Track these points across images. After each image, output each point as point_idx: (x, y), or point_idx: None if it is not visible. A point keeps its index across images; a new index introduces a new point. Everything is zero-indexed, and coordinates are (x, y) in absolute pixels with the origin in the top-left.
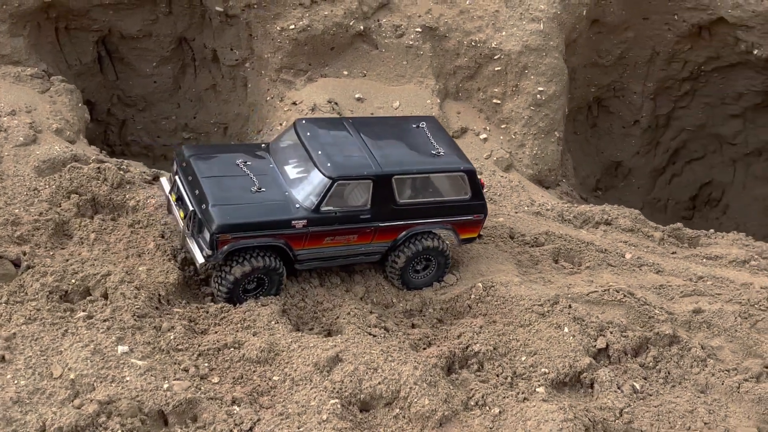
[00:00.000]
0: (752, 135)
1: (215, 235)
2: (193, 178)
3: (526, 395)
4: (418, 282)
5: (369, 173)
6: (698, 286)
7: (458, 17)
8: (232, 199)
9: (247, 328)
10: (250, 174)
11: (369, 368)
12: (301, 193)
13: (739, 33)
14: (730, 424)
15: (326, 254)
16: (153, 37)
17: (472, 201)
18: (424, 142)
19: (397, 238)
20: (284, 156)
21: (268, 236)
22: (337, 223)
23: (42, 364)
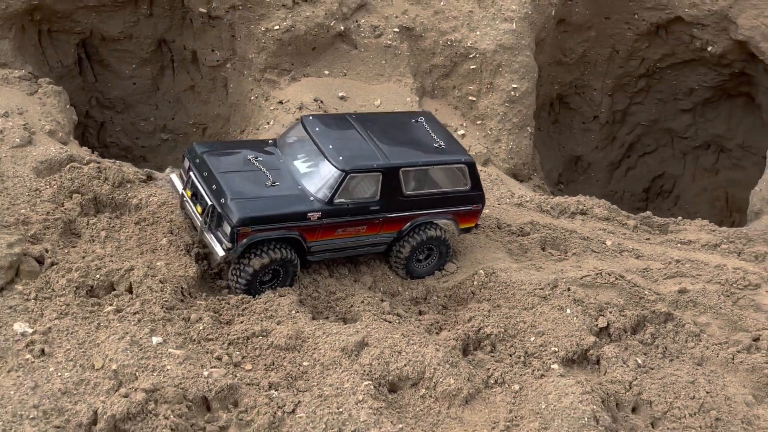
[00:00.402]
0: (702, 129)
1: (236, 228)
2: (209, 174)
3: (543, 372)
4: (421, 271)
5: (378, 166)
6: (679, 268)
7: (433, 17)
8: (249, 193)
9: (270, 318)
10: (263, 169)
11: (394, 351)
12: (314, 186)
13: (695, 31)
14: (729, 392)
15: (337, 245)
16: (133, 38)
17: (471, 192)
18: (425, 136)
19: (402, 228)
20: (293, 151)
21: (284, 228)
22: (349, 214)
23: (82, 357)
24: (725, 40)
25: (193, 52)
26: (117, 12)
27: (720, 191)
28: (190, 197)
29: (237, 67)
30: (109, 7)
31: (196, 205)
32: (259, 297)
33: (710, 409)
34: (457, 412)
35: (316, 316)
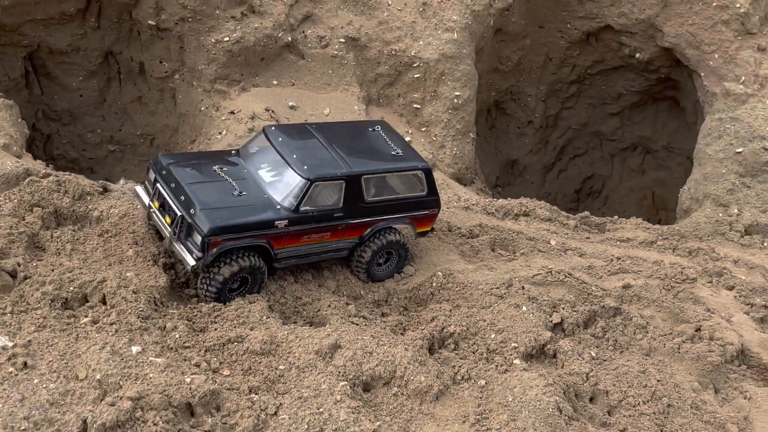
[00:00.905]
0: (628, 131)
1: (207, 237)
2: (177, 185)
3: (506, 367)
4: (381, 274)
5: (342, 174)
6: (620, 265)
7: (378, 28)
8: (218, 203)
9: (243, 324)
10: (229, 179)
11: (365, 352)
12: (280, 194)
13: (623, 39)
14: (677, 380)
15: (302, 252)
16: (81, 51)
17: (428, 197)
18: (382, 144)
19: (363, 234)
20: (257, 161)
21: (253, 236)
22: (314, 221)
23: (65, 368)
24: (652, 47)
25: (140, 64)
26: (64, 25)
27: (647, 191)
28: (158, 208)
29: (186, 78)
30: (57, 20)
31: (164, 216)
32: (230, 304)
33: (662, 396)
34: (429, 408)
35: (285, 321)
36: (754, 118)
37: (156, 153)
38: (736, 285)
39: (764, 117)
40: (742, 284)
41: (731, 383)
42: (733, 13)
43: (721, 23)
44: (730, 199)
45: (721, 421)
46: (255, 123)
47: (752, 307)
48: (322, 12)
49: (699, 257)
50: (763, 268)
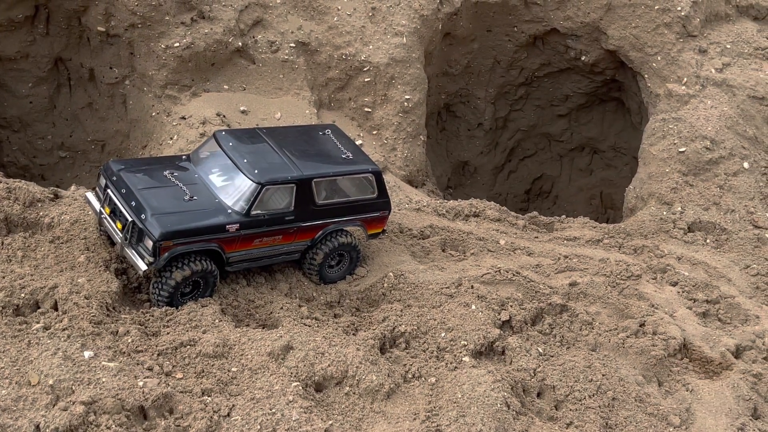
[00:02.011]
0: (576, 132)
1: (158, 242)
2: (127, 191)
3: (456, 364)
4: (333, 276)
5: (293, 177)
6: (567, 263)
7: (327, 32)
8: (168, 208)
9: (195, 327)
10: (179, 184)
11: (317, 353)
12: (231, 199)
13: (569, 42)
14: (622, 374)
15: (254, 255)
16: (30, 57)
17: (378, 199)
18: (333, 148)
19: (315, 237)
20: (207, 166)
21: (204, 241)
22: (266, 225)
23: (17, 374)
24: (597, 50)
25: (90, 70)
26: (13, 32)
27: (595, 190)
28: (109, 214)
29: (136, 84)
30: (5, 27)
31: (115, 221)
32: (182, 308)
33: (607, 390)
34: (380, 406)
35: (238, 324)
36: (696, 118)
37: (107, 159)
38: (679, 281)
39: (706, 117)
40: (685, 280)
41: (674, 376)
42: (675, 16)
43: (663, 26)
44: (673, 198)
45: (664, 413)
46: (206, 128)
47: (695, 303)
48: (272, 17)
49: (644, 254)
50: (706, 265)
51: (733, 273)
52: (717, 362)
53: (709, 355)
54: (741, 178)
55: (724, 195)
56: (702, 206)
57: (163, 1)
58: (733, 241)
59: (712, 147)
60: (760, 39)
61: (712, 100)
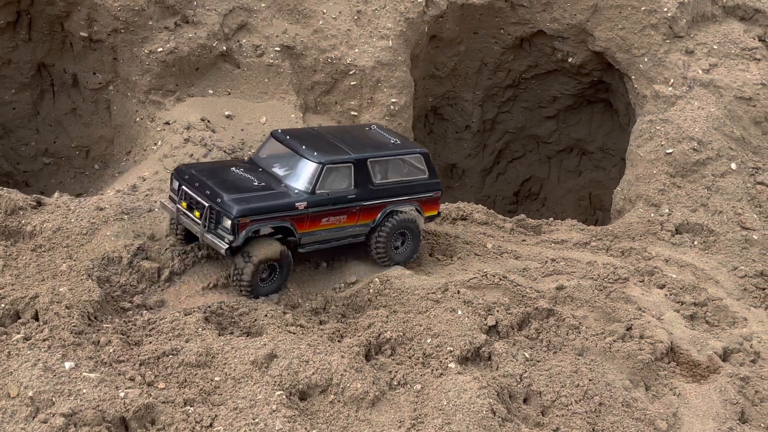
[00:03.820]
0: (564, 134)
1: (236, 219)
2: (201, 183)
3: (441, 371)
4: (400, 257)
5: (349, 158)
6: (555, 266)
7: (313, 36)
8: (242, 191)
9: (178, 336)
10: (247, 175)
11: (301, 361)
12: (297, 181)
13: (556, 44)
14: (609, 378)
15: (323, 237)
16: (12, 63)
17: (430, 179)
18: (380, 137)
19: (376, 218)
20: (269, 162)
21: (277, 218)
22: (330, 204)
23: None
24: (584, 52)
25: (73, 76)
26: None
27: (584, 191)
28: (186, 208)
29: (120, 90)
30: None
31: (193, 212)
32: (165, 317)
33: (593, 395)
34: (365, 414)
35: (221, 332)
36: (683, 120)
37: (92, 165)
38: (666, 283)
39: (693, 118)
40: (672, 283)
41: (661, 380)
42: (661, 17)
43: (649, 27)
44: (661, 199)
45: (651, 417)
46: (190, 133)
47: (682, 305)
48: (257, 21)
49: (631, 257)
50: (693, 267)
51: (721, 275)
52: (704, 366)
53: (697, 359)
54: (728, 179)
55: (711, 196)
56: (690, 208)
57: (146, 6)
58: (721, 243)
59: (700, 148)
60: (746, 39)
61: (699, 101)
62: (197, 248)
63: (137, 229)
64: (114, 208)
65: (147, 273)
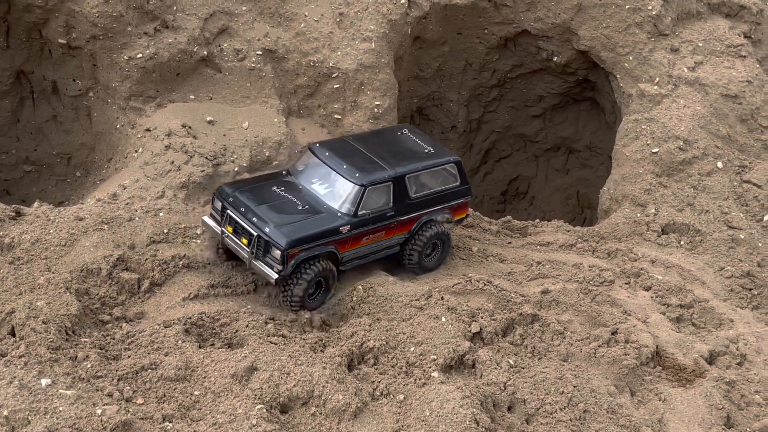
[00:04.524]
0: (551, 133)
1: (285, 251)
2: (246, 209)
3: (424, 380)
4: (431, 264)
5: (389, 176)
6: (540, 270)
7: (295, 39)
8: (288, 219)
9: (157, 350)
10: (289, 197)
11: (282, 373)
12: (338, 203)
13: (541, 43)
14: (594, 384)
15: (362, 253)
16: None
17: (461, 186)
18: (414, 145)
19: (411, 229)
20: (308, 177)
21: (323, 244)
22: (371, 223)
23: None
24: (569, 51)
25: (53, 83)
26: None
27: (571, 190)
28: (232, 233)
29: (100, 96)
30: None
31: (240, 238)
32: (144, 330)
33: (578, 402)
34: (347, 426)
35: (202, 344)
36: (669, 119)
37: (73, 173)
38: (653, 285)
39: (678, 117)
40: (658, 284)
41: (647, 385)
42: (646, 15)
43: (634, 25)
44: (647, 199)
45: (637, 424)
46: (171, 140)
47: (668, 307)
48: (238, 25)
49: (618, 258)
50: (680, 268)
51: (708, 275)
52: (690, 369)
53: (682, 363)
54: (715, 177)
55: (698, 195)
56: (676, 207)
57: (124, 12)
58: (708, 243)
59: (685, 147)
60: (732, 36)
61: (684, 99)
62: (177, 258)
63: (117, 238)
64: (94, 217)
65: (127, 284)
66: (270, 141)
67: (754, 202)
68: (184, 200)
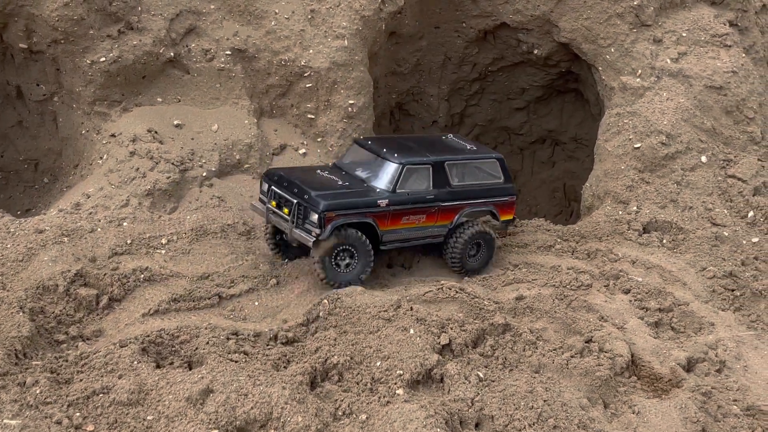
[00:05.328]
0: (536, 125)
1: (323, 213)
2: (289, 183)
3: (388, 398)
4: (474, 264)
5: (428, 160)
6: (515, 274)
7: (265, 38)
8: (327, 189)
9: (111, 372)
10: (332, 177)
11: (240, 395)
12: (378, 181)
13: (520, 35)
14: (565, 398)
15: (403, 236)
16: None
17: (505, 183)
18: (457, 144)
19: (453, 219)
20: (353, 166)
21: (361, 214)
22: (410, 203)
23: None
24: (549, 43)
25: (17, 87)
26: None
27: (558, 182)
28: (275, 206)
29: (65, 101)
30: None
31: (282, 209)
32: (99, 351)
33: (548, 418)
34: None
35: (160, 362)
36: (651, 112)
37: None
38: (632, 288)
39: (661, 110)
40: (638, 287)
41: (620, 397)
42: (627, 6)
43: (615, 16)
44: (629, 196)
45: None
46: (136, 146)
47: (647, 312)
48: (206, 24)
49: (597, 259)
50: (661, 268)
51: (689, 276)
52: (666, 379)
53: (659, 372)
54: (699, 172)
55: (681, 191)
56: (659, 204)
57: (85, 15)
58: (690, 241)
59: (668, 142)
60: (717, 25)
61: (667, 91)
62: (139, 271)
63: (77, 251)
64: (54, 229)
65: (84, 301)
66: (240, 143)
67: (738, 198)
68: (150, 208)
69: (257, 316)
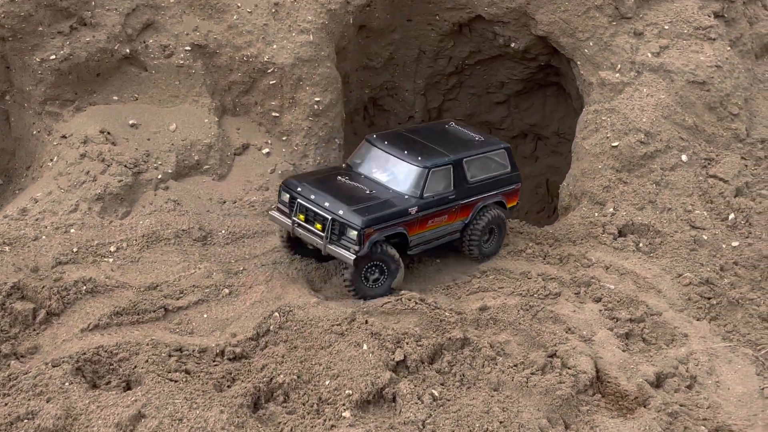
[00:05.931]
0: (517, 119)
1: (362, 230)
2: (317, 196)
3: (333, 422)
4: (490, 250)
5: (449, 160)
6: (482, 282)
7: (227, 33)
8: (360, 202)
9: (39, 395)
10: (355, 183)
11: (174, 420)
12: (404, 187)
13: (496, 28)
14: (524, 418)
15: (427, 237)
16: None
17: (512, 172)
18: (463, 135)
19: (470, 214)
20: (369, 167)
21: (394, 225)
22: (435, 205)
23: None
24: (527, 36)
25: None
26: None
27: (541, 178)
28: (304, 220)
29: (17, 100)
30: None
31: (313, 224)
32: (29, 371)
33: None
34: None
35: (97, 382)
36: (630, 109)
37: None
38: (603, 296)
39: (641, 107)
40: (609, 295)
41: (582, 417)
42: None
43: (594, 8)
44: (606, 197)
45: None
46: (87, 147)
47: (617, 322)
48: (165, 19)
49: (569, 264)
50: (635, 274)
51: (664, 283)
52: (632, 397)
53: (625, 389)
54: (678, 172)
55: (660, 192)
56: (636, 205)
57: (33, 11)
58: (668, 245)
59: (647, 140)
60: (701, 17)
61: (648, 87)
62: (81, 282)
63: (19, 261)
64: None
65: (20, 315)
66: (199, 144)
67: (719, 199)
68: (100, 213)
69: (205, 329)
